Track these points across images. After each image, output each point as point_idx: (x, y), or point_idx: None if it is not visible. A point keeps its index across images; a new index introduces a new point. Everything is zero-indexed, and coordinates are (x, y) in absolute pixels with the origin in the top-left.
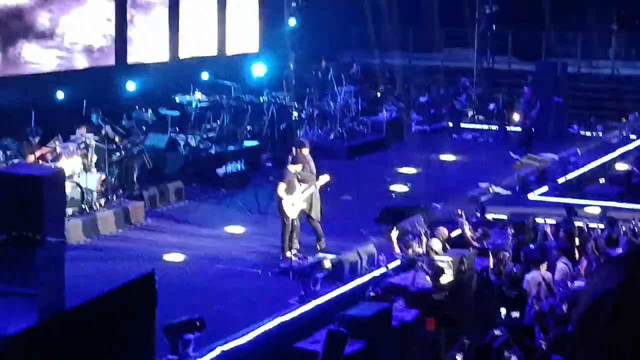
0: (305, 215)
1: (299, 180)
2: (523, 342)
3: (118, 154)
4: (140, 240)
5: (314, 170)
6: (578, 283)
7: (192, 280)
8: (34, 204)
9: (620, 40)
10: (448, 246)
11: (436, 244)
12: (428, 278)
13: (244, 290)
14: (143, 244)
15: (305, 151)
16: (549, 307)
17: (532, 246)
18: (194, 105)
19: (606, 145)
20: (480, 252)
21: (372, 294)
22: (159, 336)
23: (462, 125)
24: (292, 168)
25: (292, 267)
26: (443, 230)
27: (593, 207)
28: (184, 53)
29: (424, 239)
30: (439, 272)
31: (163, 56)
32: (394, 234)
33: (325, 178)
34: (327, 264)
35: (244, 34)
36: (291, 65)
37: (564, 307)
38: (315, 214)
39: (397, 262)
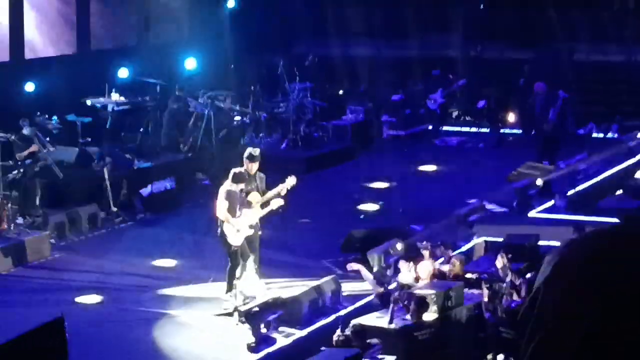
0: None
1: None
2: None
3: (15, 171)
4: (46, 280)
5: (264, 189)
6: None
7: (112, 328)
8: None
9: (638, 20)
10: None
11: (405, 277)
12: (408, 315)
13: (177, 340)
14: (49, 284)
15: (252, 165)
16: None
17: (529, 275)
18: (110, 109)
19: (624, 149)
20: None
21: (339, 337)
22: None
23: (446, 128)
24: (235, 186)
25: (237, 308)
26: (426, 265)
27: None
28: (95, 43)
29: (404, 269)
30: (421, 306)
31: (69, 48)
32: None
33: (292, 180)
34: (282, 303)
35: (170, 18)
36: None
37: None
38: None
39: (369, 298)
